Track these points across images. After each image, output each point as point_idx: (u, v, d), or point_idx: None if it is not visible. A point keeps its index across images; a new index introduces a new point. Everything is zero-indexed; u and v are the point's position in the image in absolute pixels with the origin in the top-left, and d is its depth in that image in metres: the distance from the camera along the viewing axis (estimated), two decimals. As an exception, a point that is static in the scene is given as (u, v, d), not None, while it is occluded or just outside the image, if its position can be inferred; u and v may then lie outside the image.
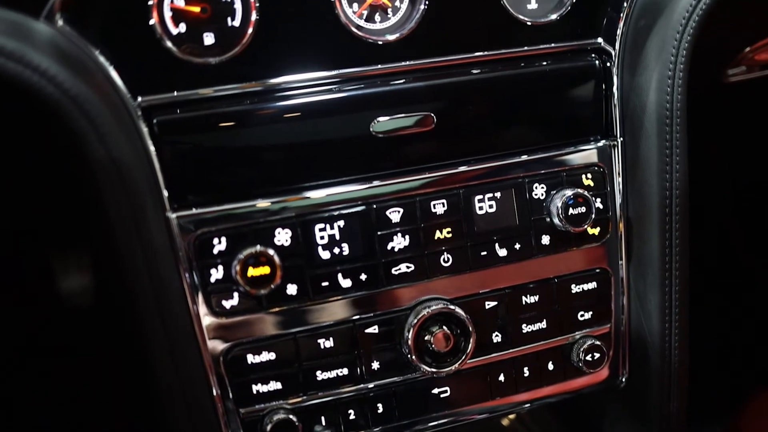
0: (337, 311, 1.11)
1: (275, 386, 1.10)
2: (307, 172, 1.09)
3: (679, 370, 1.28)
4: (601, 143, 1.21)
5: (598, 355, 1.23)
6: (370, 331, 1.13)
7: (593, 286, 1.23)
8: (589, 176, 1.20)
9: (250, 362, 1.08)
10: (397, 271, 1.12)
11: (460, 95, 1.14)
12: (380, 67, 1.10)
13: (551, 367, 1.24)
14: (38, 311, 1.78)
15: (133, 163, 0.98)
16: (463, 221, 1.14)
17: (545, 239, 1.18)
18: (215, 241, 1.04)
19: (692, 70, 1.15)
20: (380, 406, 1.16)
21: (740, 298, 2.25)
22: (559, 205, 1.15)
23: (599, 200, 1.20)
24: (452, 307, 1.13)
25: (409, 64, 1.12)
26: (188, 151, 1.04)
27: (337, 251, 1.09)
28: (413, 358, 1.12)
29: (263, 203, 1.06)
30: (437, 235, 1.13)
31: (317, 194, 1.08)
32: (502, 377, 1.21)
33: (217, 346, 1.07)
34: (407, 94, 1.11)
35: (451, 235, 1.14)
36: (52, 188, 1.46)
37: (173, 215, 1.03)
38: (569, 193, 1.15)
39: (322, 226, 1.08)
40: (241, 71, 1.05)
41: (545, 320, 1.21)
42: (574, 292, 1.22)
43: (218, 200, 1.05)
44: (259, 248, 1.03)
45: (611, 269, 1.24)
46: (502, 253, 1.17)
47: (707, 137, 1.59)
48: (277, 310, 1.08)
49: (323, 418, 1.13)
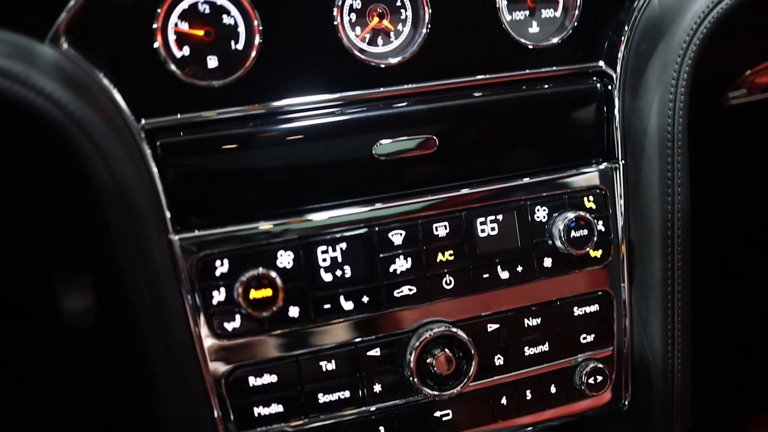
0: (339, 334, 1.11)
1: (277, 409, 1.09)
2: (309, 194, 1.09)
3: (681, 392, 1.28)
4: (602, 166, 1.21)
5: (600, 378, 1.22)
6: (372, 353, 1.12)
7: (595, 308, 1.23)
8: (590, 199, 1.20)
9: (251, 384, 1.08)
10: (399, 293, 1.12)
11: (462, 118, 1.14)
12: (383, 90, 1.11)
13: (554, 390, 1.23)
14: (39, 330, 1.77)
15: (136, 185, 0.98)
16: (465, 244, 1.14)
17: (547, 262, 1.18)
18: (217, 263, 1.04)
19: (693, 93, 1.16)
20: (382, 429, 1.15)
21: (743, 319, 2.24)
22: (561, 227, 1.15)
23: (601, 223, 1.20)
24: (454, 329, 1.13)
25: (411, 87, 1.12)
26: (191, 173, 1.05)
27: (339, 273, 1.09)
28: (415, 380, 1.11)
29: (265, 225, 1.06)
30: (439, 257, 1.13)
31: (319, 216, 1.09)
32: (504, 400, 1.20)
33: (218, 368, 1.07)
34: (409, 117, 1.12)
35: (453, 257, 1.14)
36: (55, 209, 1.46)
37: (176, 237, 1.03)
38: (571, 215, 1.15)
39: (324, 248, 1.08)
40: (244, 94, 1.05)
41: (547, 343, 1.21)
42: (576, 314, 1.22)
43: (221, 222, 1.05)
44: (261, 270, 1.03)
45: (613, 292, 1.24)
46: (504, 275, 1.16)
47: (709, 160, 1.60)
48: (279, 332, 1.08)
49: (325, 440, 1.13)
